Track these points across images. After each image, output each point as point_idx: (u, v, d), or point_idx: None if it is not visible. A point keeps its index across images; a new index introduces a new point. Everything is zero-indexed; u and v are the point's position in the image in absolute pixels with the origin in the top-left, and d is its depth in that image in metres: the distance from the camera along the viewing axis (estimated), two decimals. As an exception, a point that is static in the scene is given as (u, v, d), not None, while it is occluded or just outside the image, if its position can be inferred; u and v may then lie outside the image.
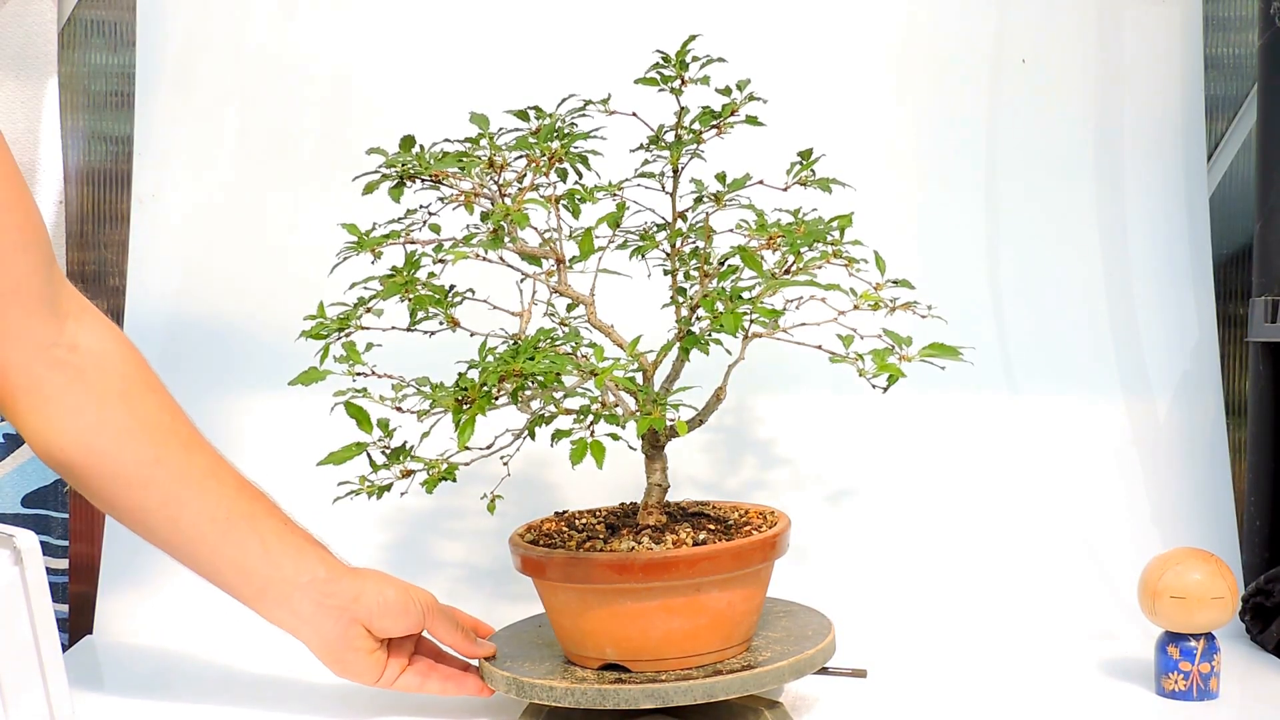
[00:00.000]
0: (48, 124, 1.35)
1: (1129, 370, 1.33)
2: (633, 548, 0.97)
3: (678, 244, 1.03)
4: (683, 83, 1.03)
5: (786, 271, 0.98)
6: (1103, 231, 1.35)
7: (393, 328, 0.99)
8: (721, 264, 1.01)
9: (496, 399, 0.91)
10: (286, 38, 1.35)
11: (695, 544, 0.96)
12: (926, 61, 1.36)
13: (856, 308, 0.98)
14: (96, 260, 1.36)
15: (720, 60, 1.05)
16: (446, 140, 1.01)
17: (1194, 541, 1.24)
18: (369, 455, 0.98)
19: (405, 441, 0.99)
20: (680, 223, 1.04)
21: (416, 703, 1.05)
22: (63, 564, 1.35)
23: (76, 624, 1.33)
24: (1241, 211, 1.37)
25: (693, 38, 1.03)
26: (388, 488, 0.98)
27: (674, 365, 1.01)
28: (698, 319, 0.98)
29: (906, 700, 1.06)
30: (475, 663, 1.04)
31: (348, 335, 0.98)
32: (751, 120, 1.04)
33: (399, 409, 0.97)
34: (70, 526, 1.35)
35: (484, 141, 1.00)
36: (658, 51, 1.04)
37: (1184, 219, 1.35)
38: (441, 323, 0.99)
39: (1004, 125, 1.35)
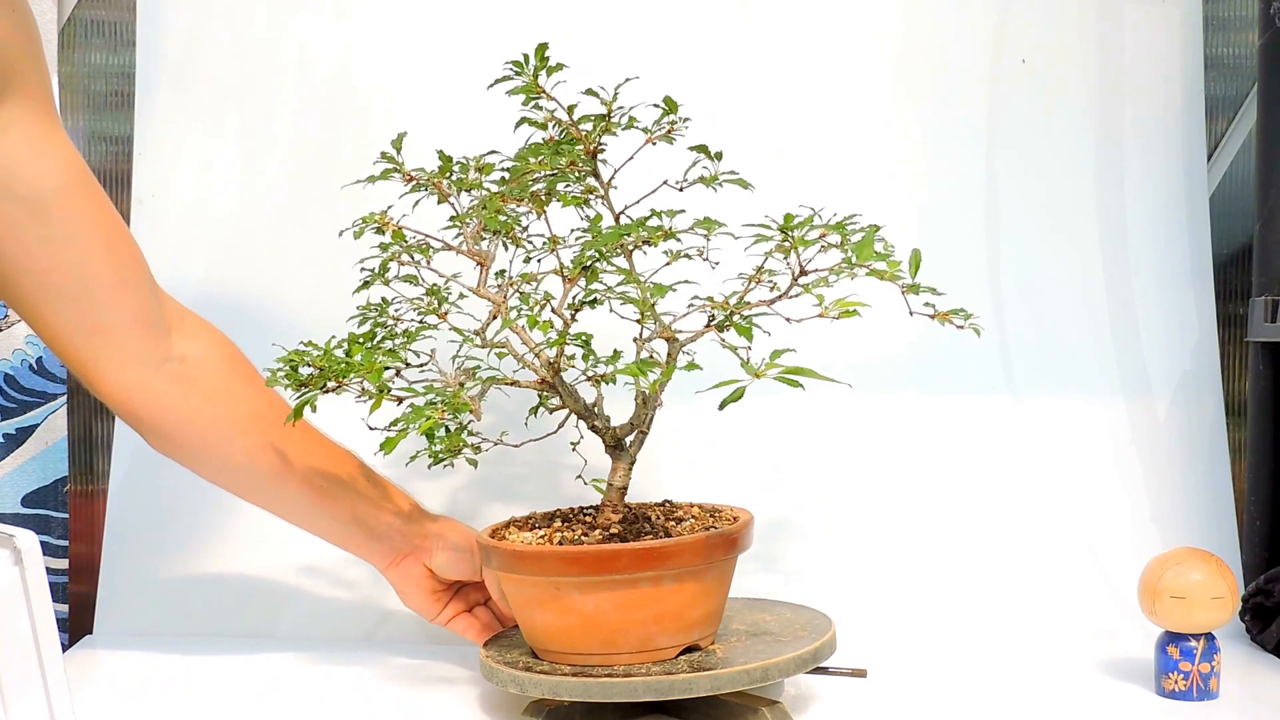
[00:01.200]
0: (48, 124, 1.35)
1: (1129, 370, 1.33)
2: (530, 541, 1.01)
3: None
4: (542, 94, 1.03)
5: (803, 273, 0.98)
6: (1103, 231, 1.35)
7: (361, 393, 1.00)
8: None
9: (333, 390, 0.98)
10: (286, 37, 1.35)
11: (563, 543, 0.98)
12: (926, 61, 1.36)
13: (823, 315, 0.96)
14: (96, 260, 1.36)
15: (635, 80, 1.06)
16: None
17: (1194, 541, 1.24)
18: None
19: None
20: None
21: (415, 701, 1.06)
22: (63, 564, 1.35)
23: (76, 624, 1.34)
24: (1241, 211, 1.37)
25: (544, 46, 1.02)
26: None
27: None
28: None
29: (906, 700, 1.06)
30: (480, 658, 1.04)
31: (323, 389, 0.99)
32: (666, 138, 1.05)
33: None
34: (70, 526, 1.35)
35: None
36: (509, 64, 1.03)
37: (1184, 219, 1.35)
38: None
39: (1004, 125, 1.35)
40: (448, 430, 0.93)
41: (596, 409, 1.03)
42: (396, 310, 1.05)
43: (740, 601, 1.13)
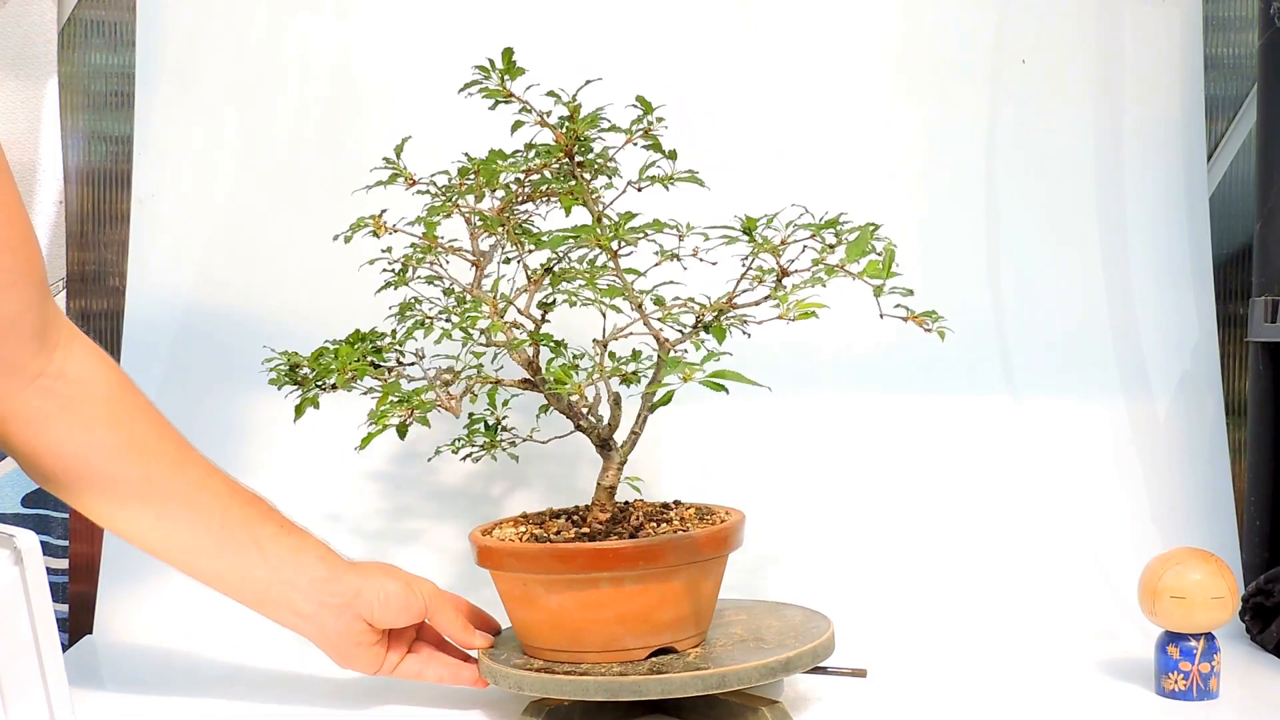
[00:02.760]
0: (48, 124, 1.35)
1: (1129, 370, 1.33)
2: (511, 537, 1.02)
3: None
4: (511, 97, 1.03)
5: (784, 274, 0.97)
6: (1103, 231, 1.35)
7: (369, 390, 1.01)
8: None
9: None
10: (287, 37, 1.35)
11: (532, 540, 1.00)
12: (927, 61, 1.36)
13: (782, 317, 0.95)
14: (96, 260, 1.36)
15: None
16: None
17: (1194, 541, 1.24)
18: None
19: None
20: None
21: (416, 701, 1.06)
22: (63, 564, 1.35)
23: (76, 624, 1.33)
24: (1241, 211, 1.37)
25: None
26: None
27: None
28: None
29: (906, 700, 1.06)
30: (475, 654, 1.05)
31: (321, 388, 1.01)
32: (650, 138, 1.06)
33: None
34: (70, 526, 1.35)
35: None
36: (476, 68, 1.04)
37: (1184, 219, 1.35)
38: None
39: (1004, 125, 1.35)
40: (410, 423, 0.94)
41: (589, 409, 1.03)
42: (428, 308, 1.05)
43: (739, 602, 1.13)
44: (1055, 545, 1.28)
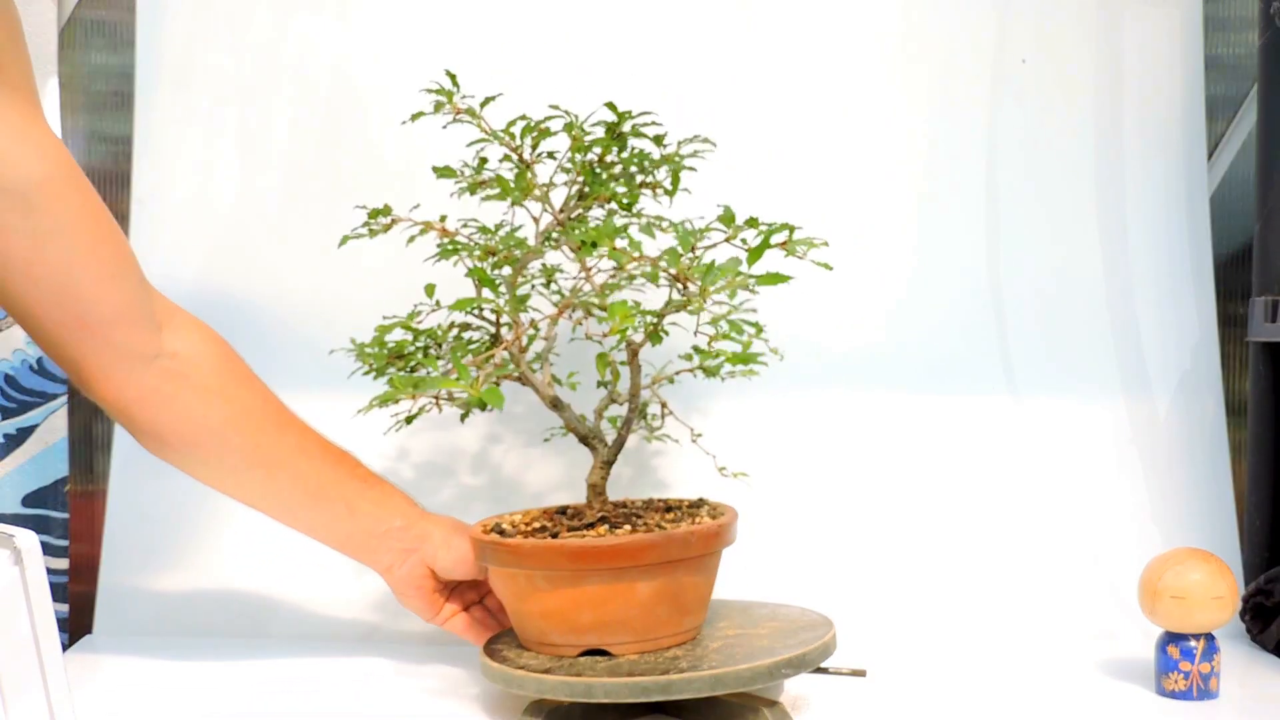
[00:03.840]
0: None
1: (1129, 370, 1.33)
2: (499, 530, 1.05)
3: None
4: (462, 113, 1.06)
5: (686, 305, 0.97)
6: (1103, 231, 1.35)
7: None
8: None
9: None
10: (286, 38, 1.35)
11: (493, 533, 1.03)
12: (926, 61, 1.36)
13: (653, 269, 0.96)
14: (96, 260, 1.36)
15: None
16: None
17: (1194, 541, 1.24)
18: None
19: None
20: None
21: (416, 702, 1.06)
22: (63, 564, 1.35)
23: (76, 624, 1.33)
24: (1241, 211, 1.37)
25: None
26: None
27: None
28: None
29: (906, 700, 1.06)
30: (480, 658, 1.05)
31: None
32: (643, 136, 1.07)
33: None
34: (70, 526, 1.35)
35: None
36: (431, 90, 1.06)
37: (1184, 219, 1.35)
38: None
39: (1004, 125, 1.35)
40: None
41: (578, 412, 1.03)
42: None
43: (739, 603, 1.13)
44: (1055, 545, 1.28)
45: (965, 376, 1.33)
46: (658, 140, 1.08)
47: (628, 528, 1.00)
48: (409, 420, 1.06)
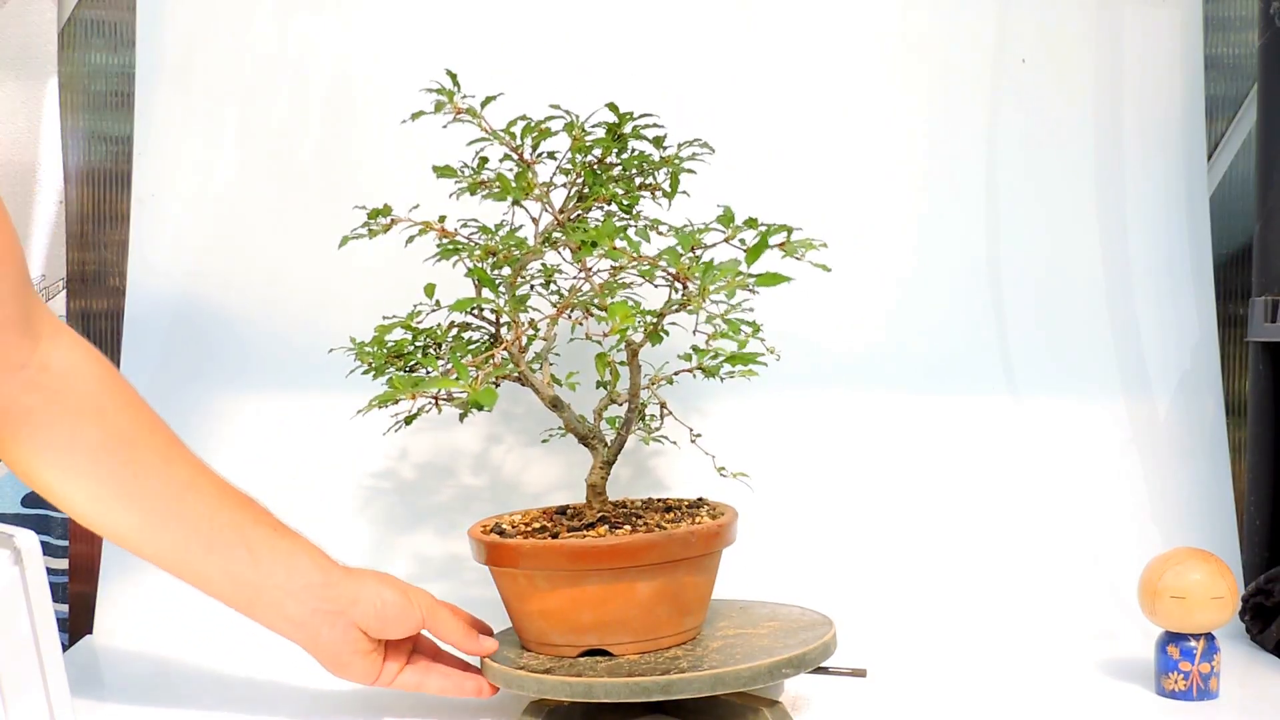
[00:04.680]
0: (48, 124, 1.35)
1: (1129, 370, 1.33)
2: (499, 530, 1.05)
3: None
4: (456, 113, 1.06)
5: (685, 305, 0.97)
6: (1103, 231, 1.35)
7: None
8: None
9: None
10: (286, 38, 1.35)
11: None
12: (927, 61, 1.36)
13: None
14: (96, 260, 1.36)
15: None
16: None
17: (1194, 541, 1.24)
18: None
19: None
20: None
21: (416, 703, 1.06)
22: (63, 564, 1.35)
23: (76, 624, 1.33)
24: (1241, 211, 1.37)
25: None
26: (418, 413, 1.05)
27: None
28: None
29: (906, 700, 1.06)
30: (476, 662, 1.04)
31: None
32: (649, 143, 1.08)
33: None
34: (70, 526, 1.35)
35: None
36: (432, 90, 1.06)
37: (1184, 219, 1.35)
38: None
39: (1004, 125, 1.35)
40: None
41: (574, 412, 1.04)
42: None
43: (740, 603, 1.13)
44: (1055, 545, 1.28)
45: (965, 376, 1.33)
46: (657, 142, 1.08)
47: (627, 528, 1.00)
48: (408, 421, 1.06)
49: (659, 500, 1.11)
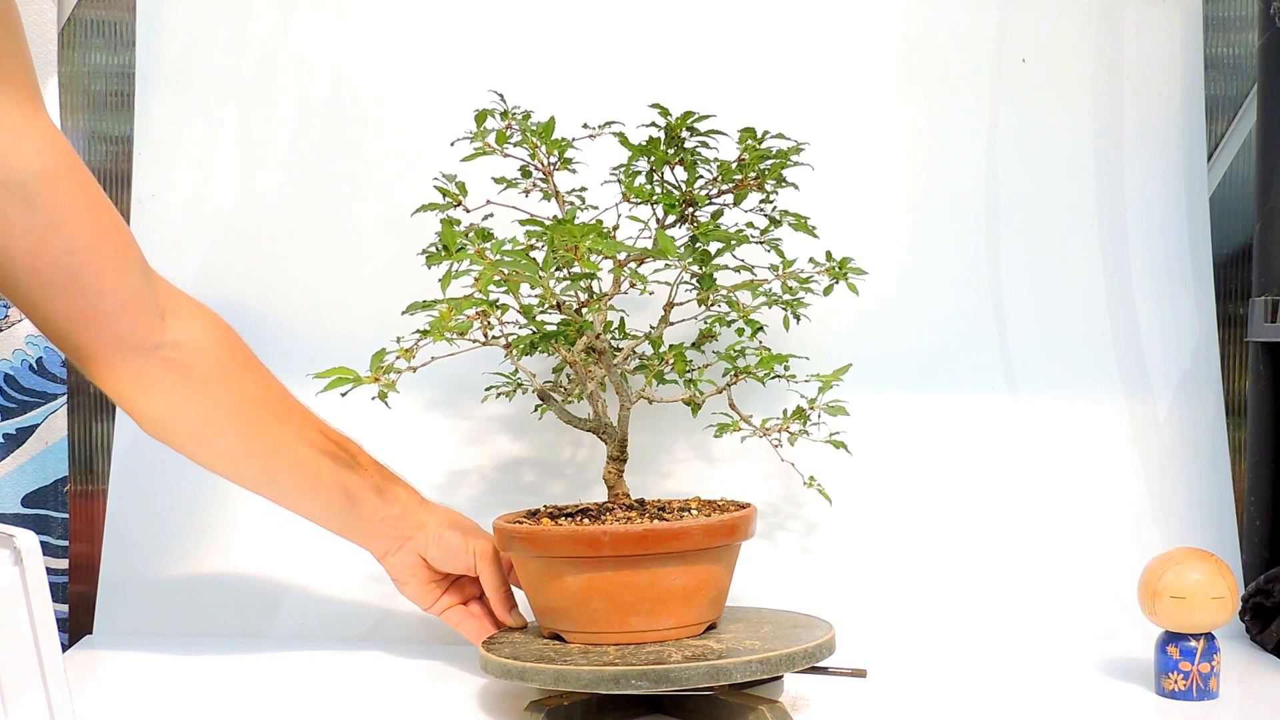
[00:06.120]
0: (48, 124, 1.35)
1: (1129, 370, 1.33)
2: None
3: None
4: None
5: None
6: (1102, 231, 1.35)
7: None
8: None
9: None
10: (286, 38, 1.35)
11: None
12: (927, 61, 1.36)
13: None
14: (96, 260, 1.36)
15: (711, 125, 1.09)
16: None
17: (1194, 541, 1.24)
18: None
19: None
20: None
21: (416, 702, 1.06)
22: (63, 564, 1.35)
23: (76, 624, 1.34)
24: (1241, 211, 1.37)
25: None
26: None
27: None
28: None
29: (906, 700, 1.06)
30: (479, 652, 1.04)
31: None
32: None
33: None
34: (70, 526, 1.35)
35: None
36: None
37: (1184, 219, 1.35)
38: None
39: (1004, 125, 1.35)
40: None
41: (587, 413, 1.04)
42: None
43: (739, 608, 1.13)
44: (1055, 545, 1.28)
45: (965, 377, 1.33)
46: (753, 142, 1.10)
47: (647, 518, 1.02)
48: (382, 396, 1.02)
49: (677, 501, 1.11)
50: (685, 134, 1.09)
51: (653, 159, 1.09)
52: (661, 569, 0.98)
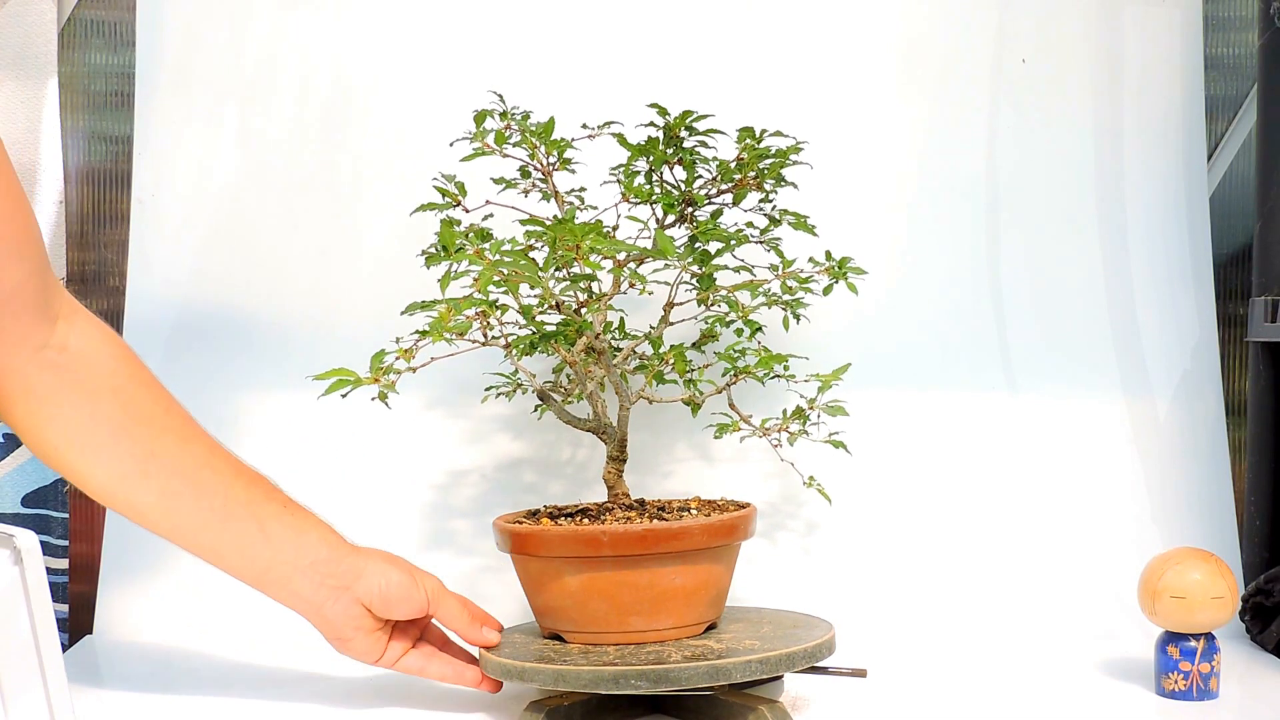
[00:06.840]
0: (48, 124, 1.35)
1: (1129, 370, 1.33)
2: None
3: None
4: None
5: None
6: (1102, 231, 1.35)
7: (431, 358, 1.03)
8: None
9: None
10: (286, 38, 1.35)
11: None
12: (927, 61, 1.36)
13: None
14: (96, 260, 1.36)
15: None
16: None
17: (1194, 541, 1.24)
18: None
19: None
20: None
21: (417, 702, 1.06)
22: (63, 564, 1.35)
23: (76, 624, 1.33)
24: (1241, 211, 1.37)
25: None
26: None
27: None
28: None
29: (906, 700, 1.06)
30: (478, 654, 1.04)
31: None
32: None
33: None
34: (70, 526, 1.35)
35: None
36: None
37: (1184, 219, 1.35)
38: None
39: (1004, 125, 1.35)
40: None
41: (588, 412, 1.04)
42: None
43: (739, 608, 1.13)
44: (1055, 545, 1.28)
45: (965, 376, 1.33)
46: (750, 141, 1.10)
47: (646, 518, 1.02)
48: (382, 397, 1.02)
49: (677, 501, 1.11)
50: (684, 134, 1.10)
51: (652, 159, 1.10)
52: (661, 569, 0.98)
